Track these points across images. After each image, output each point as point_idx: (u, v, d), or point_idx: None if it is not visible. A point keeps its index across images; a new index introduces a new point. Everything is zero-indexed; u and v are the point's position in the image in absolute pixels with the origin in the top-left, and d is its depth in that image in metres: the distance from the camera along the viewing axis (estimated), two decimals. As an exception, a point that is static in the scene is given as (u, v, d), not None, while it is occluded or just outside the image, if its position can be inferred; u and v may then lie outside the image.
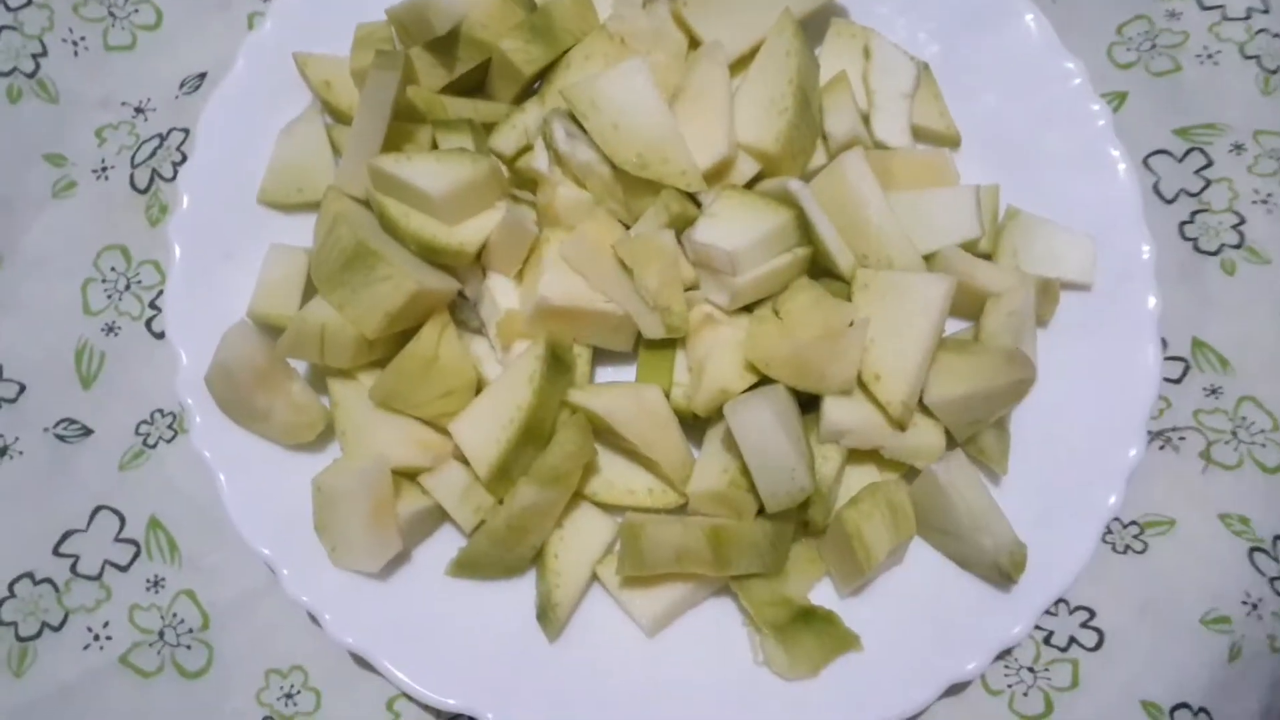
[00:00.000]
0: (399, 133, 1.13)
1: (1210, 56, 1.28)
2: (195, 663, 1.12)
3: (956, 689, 1.07)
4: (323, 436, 1.11)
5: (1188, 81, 1.28)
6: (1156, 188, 1.24)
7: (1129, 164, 1.17)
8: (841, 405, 1.05)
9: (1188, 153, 1.25)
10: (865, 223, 1.09)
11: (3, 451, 1.18)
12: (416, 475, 1.08)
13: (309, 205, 1.17)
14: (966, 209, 1.13)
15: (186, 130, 1.26)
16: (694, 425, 1.09)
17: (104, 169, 1.26)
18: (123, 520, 1.16)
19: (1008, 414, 1.10)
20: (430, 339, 1.06)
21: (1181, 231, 1.23)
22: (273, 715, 1.10)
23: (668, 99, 1.10)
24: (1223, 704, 1.09)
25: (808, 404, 1.07)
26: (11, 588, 1.14)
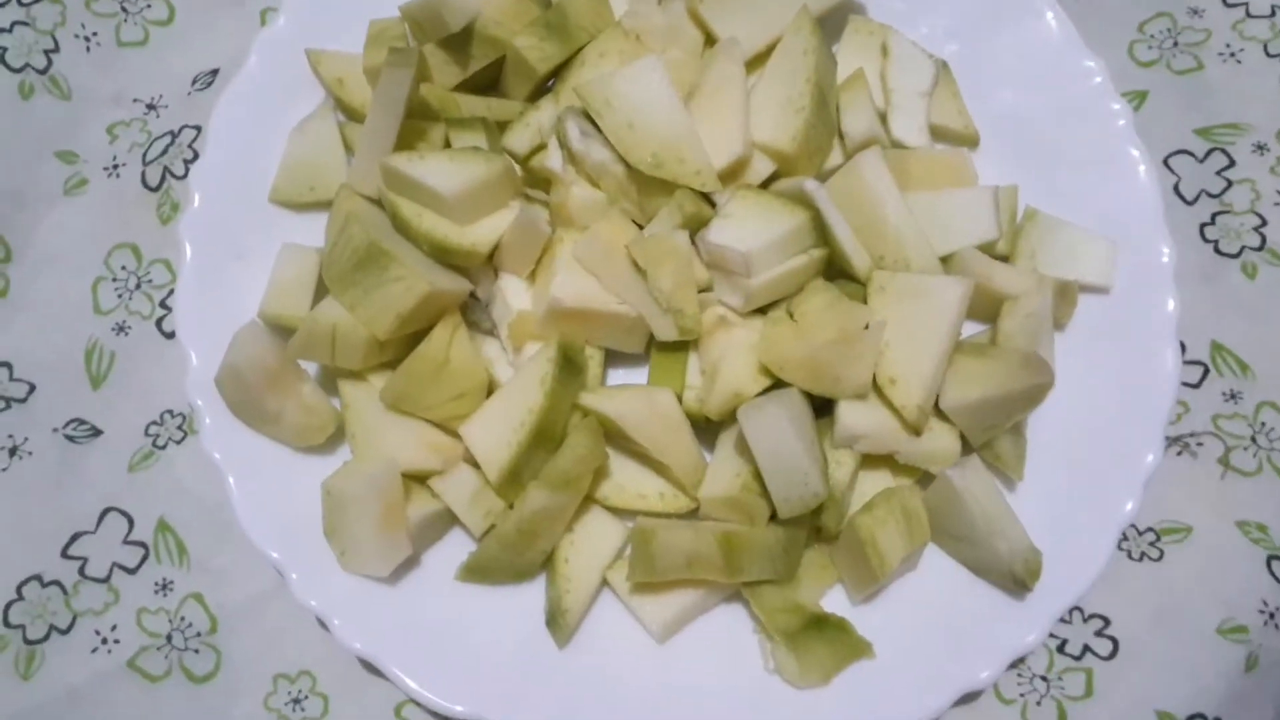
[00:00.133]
0: (412, 131, 1.12)
1: (1233, 55, 1.26)
2: (203, 667, 1.11)
3: (969, 698, 1.06)
4: (333, 439, 1.11)
5: (1210, 80, 1.26)
6: (1177, 188, 1.23)
7: (1149, 164, 1.16)
8: (856, 409, 1.04)
9: (1209, 153, 1.24)
10: (882, 223, 1.08)
11: (12, 452, 1.18)
12: (427, 478, 1.08)
13: (321, 204, 1.16)
14: (984, 210, 1.12)
15: (198, 127, 1.26)
16: (706, 429, 1.08)
17: (115, 166, 1.26)
18: (131, 522, 1.15)
19: (1024, 418, 1.09)
20: (441, 341, 1.06)
21: (1202, 233, 1.22)
22: (280, 720, 1.11)
23: (683, 97, 1.09)
24: (1239, 714, 1.08)
25: (822, 408, 1.06)
26: (19, 590, 1.14)
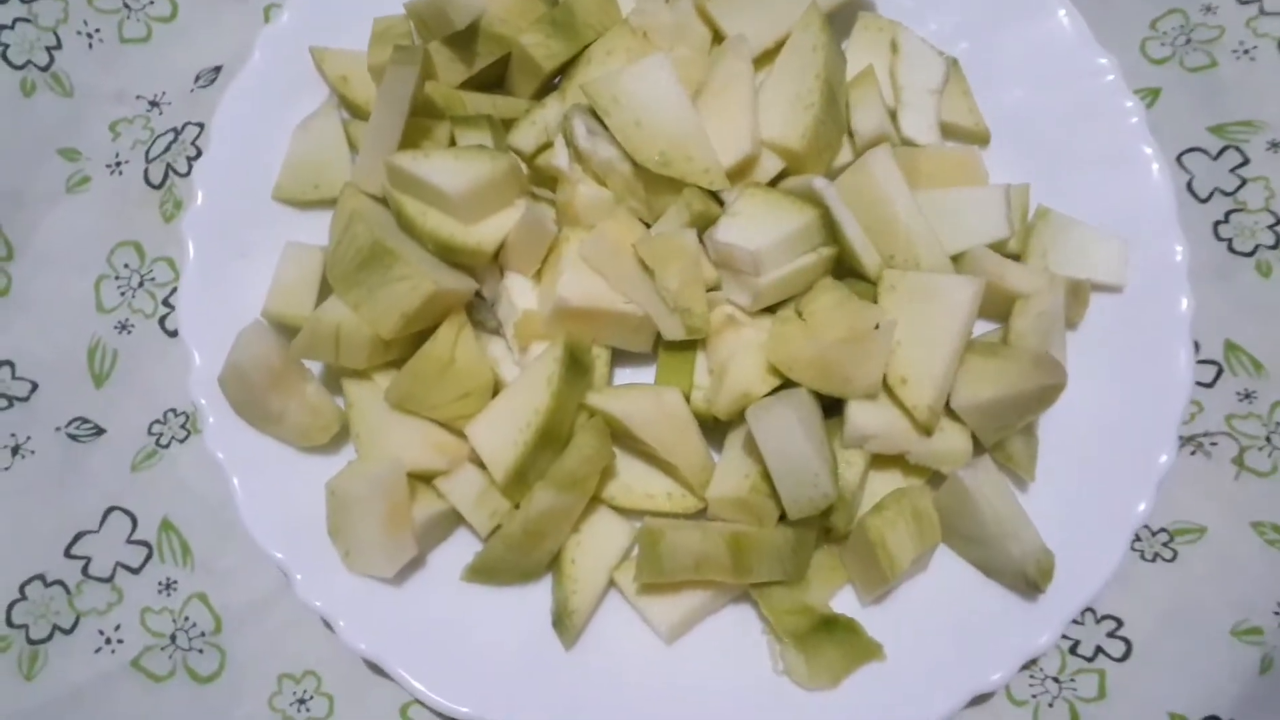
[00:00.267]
0: (417, 129, 1.12)
1: (1247, 52, 1.25)
2: (207, 667, 1.11)
3: (980, 699, 1.05)
4: (338, 438, 1.10)
5: (1223, 77, 1.25)
6: (1190, 186, 1.22)
7: (1162, 162, 1.15)
8: (866, 409, 1.03)
9: (1223, 150, 1.22)
10: (892, 222, 1.07)
11: (15, 451, 1.17)
12: (432, 479, 1.07)
13: (325, 202, 1.16)
14: (996, 208, 1.11)
15: (201, 124, 1.25)
16: (714, 429, 1.08)
17: (118, 164, 1.26)
18: (135, 521, 1.15)
19: (1036, 418, 1.08)
20: (447, 340, 1.05)
21: (1216, 231, 1.21)
22: (284, 721, 1.11)
23: (691, 95, 1.08)
24: (1253, 717, 1.07)
25: (831, 408, 1.05)
26: (23, 590, 1.13)
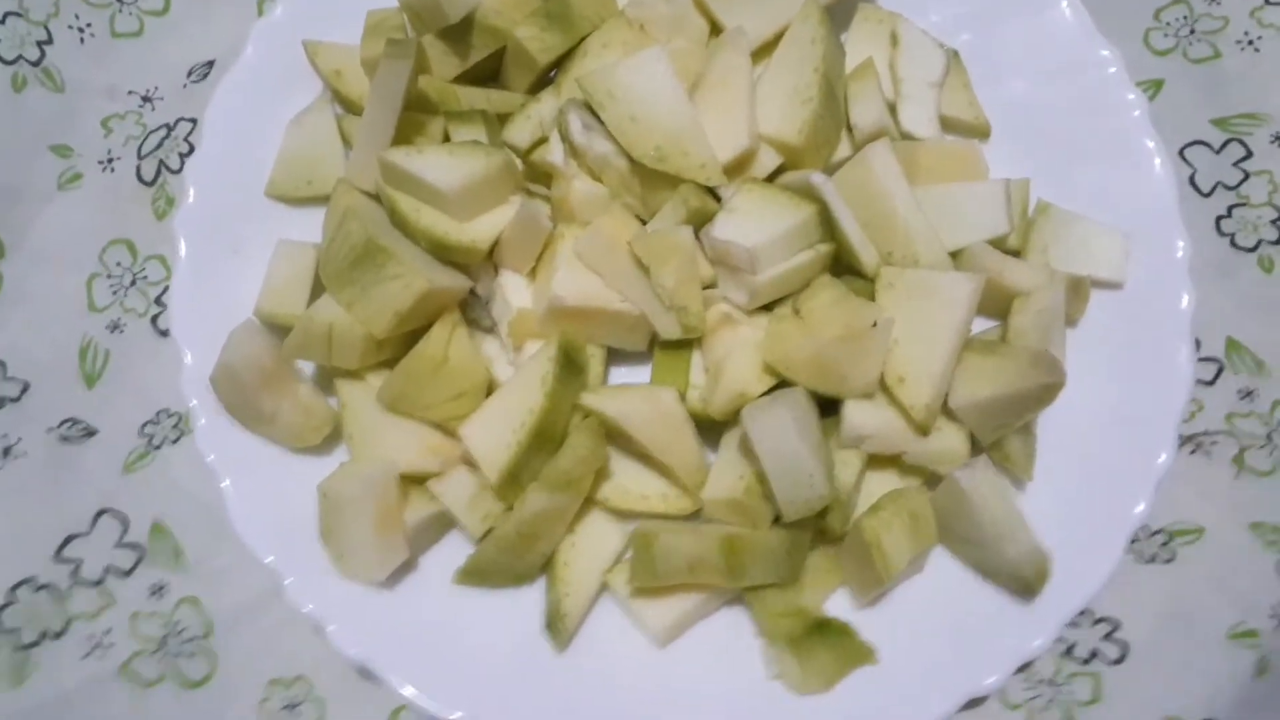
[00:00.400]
0: (411, 124, 1.11)
1: (1251, 43, 1.24)
2: (197, 672, 1.10)
3: (974, 703, 1.05)
4: (330, 439, 1.10)
5: (1227, 69, 1.24)
6: (1193, 180, 1.21)
7: (1164, 156, 1.15)
8: (863, 409, 1.03)
9: (1226, 144, 1.21)
10: (891, 218, 1.07)
11: (5, 452, 1.16)
12: (425, 480, 1.06)
13: (319, 198, 1.15)
14: (996, 204, 1.10)
15: (194, 120, 1.24)
16: (710, 429, 1.07)
17: (110, 160, 1.25)
18: (126, 524, 1.14)
19: (1034, 417, 1.07)
20: (440, 339, 1.04)
21: (1218, 226, 1.20)
22: (275, 726, 1.10)
23: (688, 88, 1.07)
24: (1249, 720, 1.07)
25: (827, 407, 1.04)
26: (13, 593, 1.12)
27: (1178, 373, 1.09)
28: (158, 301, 1.20)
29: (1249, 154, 1.21)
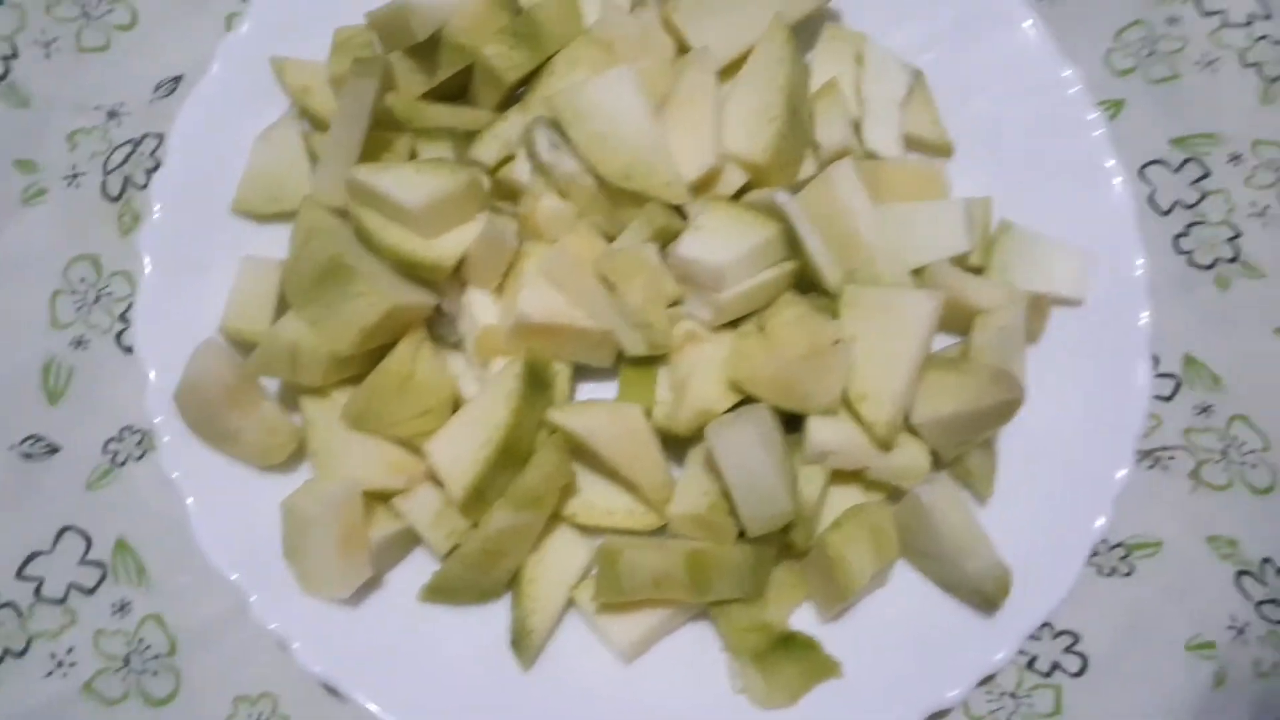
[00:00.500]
0: (378, 141, 1.11)
1: (1209, 64, 1.25)
2: (162, 690, 1.09)
3: (937, 716, 1.05)
4: (295, 456, 1.09)
5: (1186, 89, 1.25)
6: (1152, 199, 1.22)
7: (1125, 175, 1.16)
8: (826, 425, 1.03)
9: (1184, 163, 1.22)
10: (854, 236, 1.07)
11: (-34, 471, 1.15)
12: (389, 497, 1.06)
13: (285, 215, 1.14)
14: (957, 222, 1.11)
15: (161, 136, 1.23)
16: (676, 445, 1.07)
17: (75, 176, 1.23)
18: (89, 542, 1.13)
19: (994, 434, 1.08)
20: (406, 356, 1.04)
21: (1176, 245, 1.21)
22: (241, 744, 1.10)
23: (654, 107, 1.08)
24: (1208, 731, 1.08)
25: (791, 423, 1.05)
26: (-25, 612, 1.12)
27: (1136, 389, 1.10)
28: (122, 318, 1.19)
29: (1207, 173, 1.22)
